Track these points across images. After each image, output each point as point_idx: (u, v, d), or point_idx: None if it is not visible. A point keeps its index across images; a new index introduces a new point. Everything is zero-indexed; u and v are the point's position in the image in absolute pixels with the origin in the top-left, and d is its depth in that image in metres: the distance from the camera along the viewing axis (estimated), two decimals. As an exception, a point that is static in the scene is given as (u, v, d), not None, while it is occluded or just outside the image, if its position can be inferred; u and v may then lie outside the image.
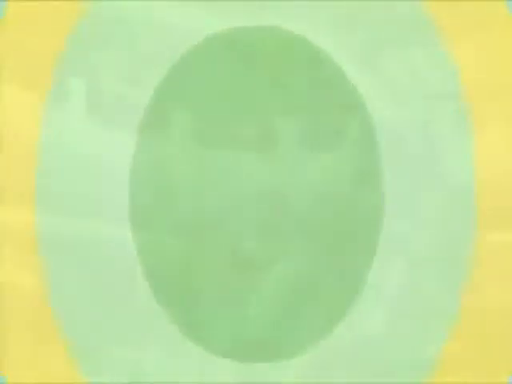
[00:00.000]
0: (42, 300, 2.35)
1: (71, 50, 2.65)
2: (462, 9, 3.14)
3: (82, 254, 2.52)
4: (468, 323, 2.69)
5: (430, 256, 3.01)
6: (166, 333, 2.51)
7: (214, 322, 2.50)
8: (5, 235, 2.24)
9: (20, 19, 2.58)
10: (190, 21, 3.60)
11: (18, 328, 2.25)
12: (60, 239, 2.50)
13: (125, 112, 3.05)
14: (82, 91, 2.75)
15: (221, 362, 2.52)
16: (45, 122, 2.63)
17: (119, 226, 2.62)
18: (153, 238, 2.87)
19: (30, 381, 2.16)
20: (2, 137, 2.43)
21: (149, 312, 2.62)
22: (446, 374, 2.47)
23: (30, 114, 2.48)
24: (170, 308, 2.64)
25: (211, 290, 2.88)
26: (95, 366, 2.28)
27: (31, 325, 2.28)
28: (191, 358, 2.50)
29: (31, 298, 2.33)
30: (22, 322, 2.28)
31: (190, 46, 3.16)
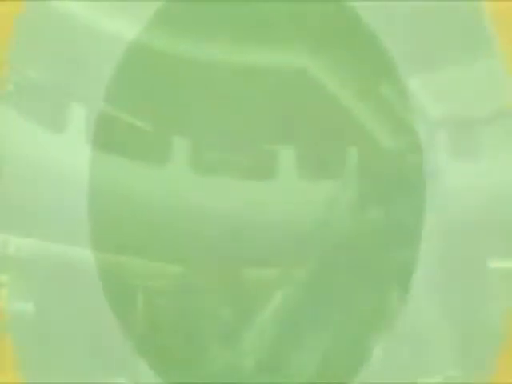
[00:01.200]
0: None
1: (14, 53, 2.47)
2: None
3: (42, 275, 2.35)
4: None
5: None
6: (132, 372, 2.27)
7: (194, 368, 2.25)
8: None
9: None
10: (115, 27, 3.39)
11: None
12: (20, 261, 2.34)
13: (74, 125, 2.84)
14: (35, 102, 2.57)
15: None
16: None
17: (80, 247, 2.45)
18: (117, 262, 2.66)
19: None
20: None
21: (114, 345, 2.40)
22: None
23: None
24: (139, 343, 2.40)
25: (195, 321, 2.62)
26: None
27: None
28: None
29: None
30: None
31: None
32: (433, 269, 8.78)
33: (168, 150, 14.09)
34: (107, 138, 12.99)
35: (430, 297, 8.76)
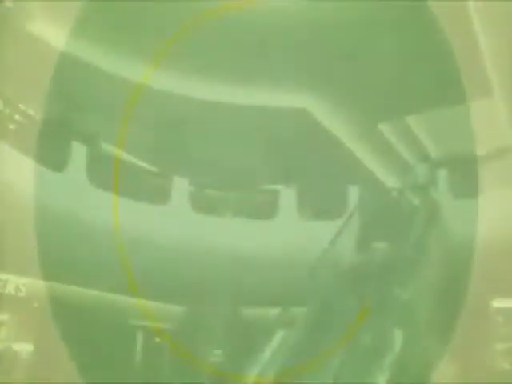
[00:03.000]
0: None
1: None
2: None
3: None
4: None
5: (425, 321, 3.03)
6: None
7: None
8: None
9: None
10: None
11: None
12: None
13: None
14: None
15: None
16: None
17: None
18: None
19: None
20: None
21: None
22: None
23: None
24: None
25: (192, 362, 2.72)
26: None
27: None
28: None
29: None
30: None
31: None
32: (434, 306, 8.72)
33: (168, 188, 13.95)
34: (107, 177, 12.88)
35: (432, 335, 8.64)
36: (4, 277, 13.00)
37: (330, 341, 7.81)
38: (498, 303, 12.52)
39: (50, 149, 11.99)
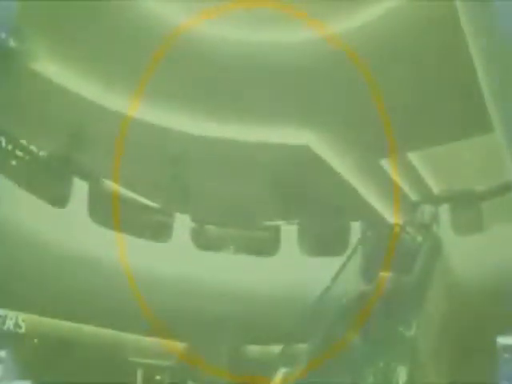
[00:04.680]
0: None
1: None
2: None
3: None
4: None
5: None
6: None
7: None
8: None
9: None
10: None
11: None
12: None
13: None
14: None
15: None
16: None
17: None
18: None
19: None
20: None
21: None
22: None
23: None
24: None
25: None
26: None
27: None
28: None
29: None
30: None
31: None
32: (438, 343, 8.58)
33: (170, 225, 13.84)
34: (108, 213, 12.80)
35: (436, 372, 8.48)
36: (3, 313, 12.90)
37: (333, 379, 7.68)
38: (504, 340, 12.34)
39: (52, 185, 11.99)
